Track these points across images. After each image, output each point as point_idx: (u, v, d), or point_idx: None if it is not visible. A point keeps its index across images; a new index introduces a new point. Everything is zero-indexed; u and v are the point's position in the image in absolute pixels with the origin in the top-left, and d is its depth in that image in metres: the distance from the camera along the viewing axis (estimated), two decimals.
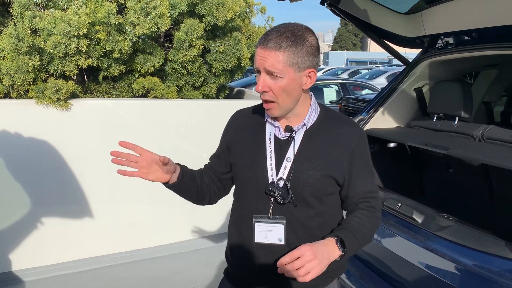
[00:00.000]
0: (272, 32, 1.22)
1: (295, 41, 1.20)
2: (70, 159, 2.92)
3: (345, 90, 9.15)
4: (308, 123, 1.34)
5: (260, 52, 1.21)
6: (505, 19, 2.14)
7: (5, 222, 2.81)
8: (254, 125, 1.41)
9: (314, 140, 1.33)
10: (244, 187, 1.38)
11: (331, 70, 21.43)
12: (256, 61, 1.23)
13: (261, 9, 4.17)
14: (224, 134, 1.48)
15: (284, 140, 1.34)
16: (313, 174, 1.29)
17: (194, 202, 1.46)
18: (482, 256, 1.56)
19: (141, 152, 1.25)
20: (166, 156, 1.26)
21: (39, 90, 2.74)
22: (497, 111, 3.30)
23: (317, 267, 1.13)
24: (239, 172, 1.39)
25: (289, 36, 1.20)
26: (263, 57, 1.20)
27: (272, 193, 1.29)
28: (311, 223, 1.32)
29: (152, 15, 2.83)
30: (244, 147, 1.38)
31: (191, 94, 3.50)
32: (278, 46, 1.19)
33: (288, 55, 1.19)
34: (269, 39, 1.20)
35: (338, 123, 1.37)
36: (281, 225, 1.30)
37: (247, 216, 1.35)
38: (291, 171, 1.30)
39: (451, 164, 2.73)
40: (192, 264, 3.22)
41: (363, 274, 2.18)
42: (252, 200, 1.35)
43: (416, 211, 1.94)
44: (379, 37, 2.89)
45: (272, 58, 1.19)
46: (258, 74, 1.25)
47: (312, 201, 1.31)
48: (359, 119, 2.81)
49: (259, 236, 1.32)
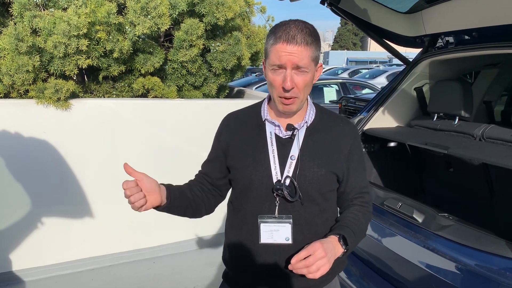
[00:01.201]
0: (291, 28, 1.22)
1: (316, 37, 1.24)
2: (70, 159, 2.92)
3: (345, 90, 9.14)
4: (308, 121, 1.36)
5: (287, 48, 1.20)
6: (506, 18, 2.13)
7: (5, 222, 2.81)
8: (252, 126, 1.39)
9: (315, 138, 1.35)
10: (247, 189, 1.35)
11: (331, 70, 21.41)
12: (281, 57, 1.21)
13: (261, 9, 4.17)
14: (218, 139, 1.45)
15: (286, 139, 1.34)
16: (318, 171, 1.31)
17: (190, 217, 1.43)
18: (483, 256, 1.56)
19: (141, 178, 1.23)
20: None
21: (39, 90, 2.74)
22: (498, 111, 3.30)
23: (327, 264, 1.15)
24: (240, 175, 1.36)
25: (310, 31, 1.23)
26: (291, 53, 1.20)
27: (280, 192, 1.28)
28: (317, 220, 1.34)
29: (152, 14, 2.83)
30: (244, 149, 1.36)
31: (191, 94, 3.50)
32: (305, 42, 1.20)
33: (312, 50, 1.22)
34: (293, 34, 1.20)
35: (334, 121, 1.40)
36: (288, 224, 1.30)
37: (250, 218, 1.34)
38: (297, 168, 1.30)
39: (451, 164, 2.73)
40: (193, 263, 3.23)
41: (363, 274, 2.18)
42: (256, 201, 1.33)
43: (416, 211, 1.94)
44: (379, 37, 2.89)
45: (301, 54, 1.20)
46: (278, 69, 1.23)
47: (318, 198, 1.32)
48: (359, 119, 2.80)
49: (265, 237, 1.31)
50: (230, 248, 1.43)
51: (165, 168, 3.18)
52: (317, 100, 8.42)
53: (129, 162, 1.28)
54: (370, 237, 2.13)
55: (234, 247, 1.41)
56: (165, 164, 3.19)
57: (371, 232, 2.12)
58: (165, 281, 2.97)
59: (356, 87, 9.99)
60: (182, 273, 3.09)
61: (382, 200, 2.15)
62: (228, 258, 1.45)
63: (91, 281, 2.95)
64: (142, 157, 3.14)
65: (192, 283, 2.95)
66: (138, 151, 3.12)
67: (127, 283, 2.94)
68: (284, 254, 1.31)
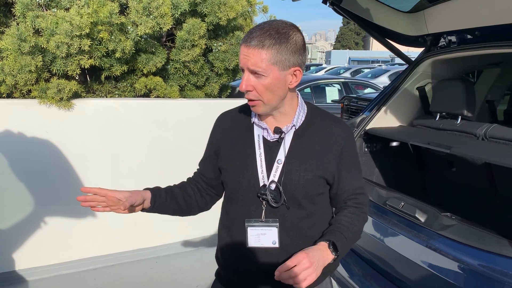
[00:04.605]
0: (255, 30, 1.19)
1: (279, 39, 1.17)
2: (72, 159, 2.93)
3: (347, 89, 9.12)
4: (297, 124, 1.33)
5: (244, 50, 1.19)
6: (508, 17, 2.13)
7: (8, 222, 2.82)
8: (242, 127, 1.37)
9: (304, 141, 1.32)
10: (235, 191, 1.35)
11: (333, 69, 21.40)
12: (240, 60, 1.21)
13: (263, 8, 4.16)
14: (211, 138, 1.45)
15: (274, 142, 1.32)
16: (304, 175, 1.29)
17: (181, 215, 1.45)
18: (485, 255, 1.56)
19: (105, 194, 1.25)
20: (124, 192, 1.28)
21: (41, 90, 2.75)
22: (500, 110, 3.30)
23: (313, 274, 1.15)
24: (229, 177, 1.36)
25: (273, 33, 1.17)
26: (246, 56, 1.18)
27: (264, 197, 1.27)
28: (303, 224, 1.32)
29: (154, 14, 2.83)
30: (233, 151, 1.35)
31: (193, 94, 3.51)
32: (261, 44, 1.16)
33: (271, 53, 1.17)
34: (252, 37, 1.17)
35: (326, 122, 1.36)
36: (275, 228, 1.29)
37: (239, 220, 1.33)
38: (282, 173, 1.28)
39: (454, 163, 2.73)
40: (196, 263, 3.23)
41: (366, 273, 2.18)
42: (244, 204, 1.33)
43: (419, 210, 1.93)
44: (382, 36, 2.89)
45: (255, 57, 1.17)
46: (242, 72, 1.23)
47: (304, 202, 1.31)
48: (361, 118, 2.80)
49: (253, 240, 1.31)
50: (222, 248, 1.43)
51: (167, 167, 3.18)
52: (319, 99, 8.41)
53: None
54: (372, 237, 2.13)
55: (225, 247, 1.41)
56: (167, 163, 3.20)
57: (373, 232, 2.12)
58: (168, 281, 2.98)
59: (358, 87, 9.97)
60: (185, 272, 3.09)
61: (385, 199, 2.15)
62: (220, 258, 1.46)
63: (93, 280, 2.95)
64: (144, 156, 3.14)
65: (194, 282, 2.95)
66: (140, 151, 3.13)
67: (130, 283, 2.94)
68: (271, 257, 1.31)
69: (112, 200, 1.26)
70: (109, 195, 1.25)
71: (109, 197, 1.25)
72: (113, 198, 1.25)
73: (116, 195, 1.25)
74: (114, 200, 1.26)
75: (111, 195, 1.25)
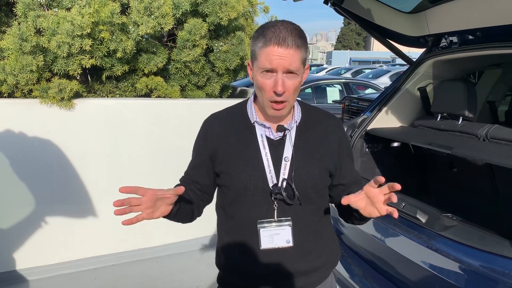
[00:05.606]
0: (281, 30, 1.17)
1: (305, 39, 1.21)
2: (73, 159, 2.93)
3: (348, 90, 9.11)
4: (298, 120, 1.35)
5: (277, 51, 1.15)
6: (510, 18, 2.13)
7: (9, 221, 2.82)
8: (239, 129, 1.34)
9: (306, 136, 1.34)
10: (241, 194, 1.30)
11: (334, 70, 21.40)
12: (272, 61, 1.16)
13: (264, 9, 4.16)
14: (203, 143, 1.37)
15: (278, 140, 1.32)
16: (312, 169, 1.31)
17: (187, 222, 1.35)
18: (486, 256, 1.56)
19: (144, 193, 1.10)
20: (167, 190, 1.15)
21: (43, 89, 2.75)
22: (502, 111, 3.29)
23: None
24: (233, 181, 1.30)
25: (298, 33, 1.19)
26: (282, 56, 1.16)
27: (278, 196, 1.27)
28: (314, 218, 1.35)
29: (155, 14, 2.84)
30: (235, 153, 1.31)
31: (194, 94, 3.51)
32: (296, 44, 1.17)
33: (302, 53, 1.19)
34: (284, 37, 1.16)
35: (319, 117, 1.41)
36: (288, 226, 1.29)
37: (247, 224, 1.30)
38: (292, 170, 1.29)
39: (455, 164, 2.73)
40: (196, 263, 3.23)
41: (366, 274, 2.18)
42: (252, 206, 1.30)
43: (420, 211, 1.93)
44: (383, 37, 2.88)
45: (292, 57, 1.17)
46: (268, 73, 1.19)
47: (314, 197, 1.33)
48: (362, 119, 2.80)
49: (266, 242, 1.29)
50: (227, 254, 1.39)
51: (168, 167, 3.18)
52: (320, 99, 8.41)
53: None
54: (373, 237, 2.13)
55: (231, 252, 1.37)
56: (168, 164, 3.20)
57: (374, 232, 2.12)
58: (168, 281, 2.98)
59: (359, 87, 9.95)
60: (185, 272, 3.09)
61: None
62: (224, 263, 1.41)
63: (94, 280, 2.95)
64: (145, 156, 3.14)
65: (195, 282, 2.95)
66: (141, 151, 3.13)
67: (130, 283, 2.94)
68: (285, 256, 1.30)
69: (151, 199, 1.11)
70: (148, 193, 1.10)
71: (148, 196, 1.10)
72: (152, 196, 1.10)
73: (156, 192, 1.11)
74: (153, 200, 1.11)
75: (151, 193, 1.11)
